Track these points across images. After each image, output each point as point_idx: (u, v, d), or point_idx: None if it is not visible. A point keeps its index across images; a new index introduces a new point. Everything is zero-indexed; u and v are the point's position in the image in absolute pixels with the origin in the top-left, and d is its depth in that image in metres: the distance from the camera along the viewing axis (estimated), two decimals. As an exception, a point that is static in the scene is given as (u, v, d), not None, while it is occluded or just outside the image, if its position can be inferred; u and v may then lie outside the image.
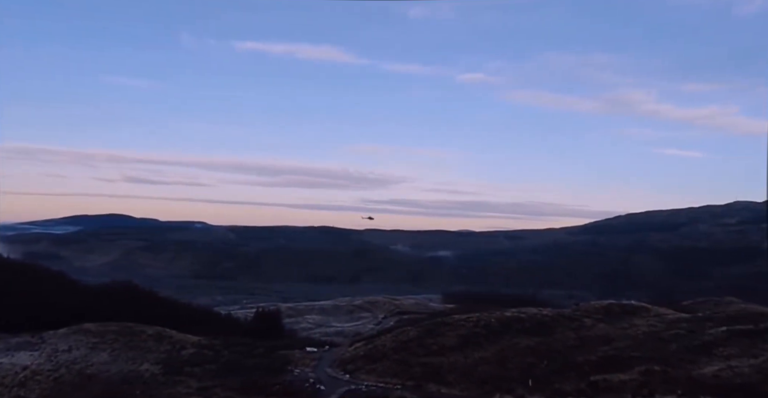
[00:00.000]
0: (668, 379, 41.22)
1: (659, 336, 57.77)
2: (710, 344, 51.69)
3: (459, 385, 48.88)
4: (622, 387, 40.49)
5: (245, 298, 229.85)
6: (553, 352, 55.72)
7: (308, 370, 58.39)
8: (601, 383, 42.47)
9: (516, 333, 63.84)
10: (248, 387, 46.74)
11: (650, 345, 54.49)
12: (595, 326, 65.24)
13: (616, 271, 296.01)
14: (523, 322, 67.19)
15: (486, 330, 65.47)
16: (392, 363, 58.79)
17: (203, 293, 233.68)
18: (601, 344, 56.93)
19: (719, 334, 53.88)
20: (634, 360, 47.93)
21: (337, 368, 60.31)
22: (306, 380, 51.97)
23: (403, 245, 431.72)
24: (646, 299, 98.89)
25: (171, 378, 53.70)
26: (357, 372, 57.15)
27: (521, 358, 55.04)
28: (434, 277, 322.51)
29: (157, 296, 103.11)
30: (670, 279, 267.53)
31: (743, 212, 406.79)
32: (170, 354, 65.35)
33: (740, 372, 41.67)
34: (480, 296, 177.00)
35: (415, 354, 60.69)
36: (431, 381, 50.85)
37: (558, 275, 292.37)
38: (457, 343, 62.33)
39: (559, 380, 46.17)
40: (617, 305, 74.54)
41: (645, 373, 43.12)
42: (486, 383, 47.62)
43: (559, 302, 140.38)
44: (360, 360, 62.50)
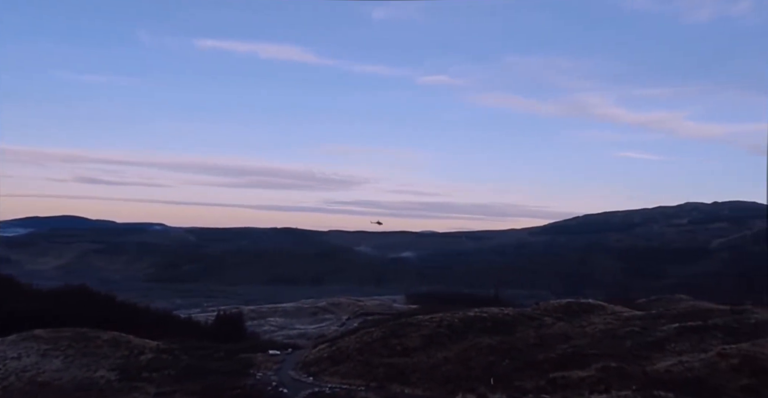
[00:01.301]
0: (624, 375, 42.50)
1: (615, 334, 59.51)
2: (663, 340, 53.56)
3: (422, 385, 49.17)
4: (580, 383, 41.50)
5: (206, 301, 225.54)
6: (514, 351, 56.71)
7: (271, 373, 57.69)
8: (560, 380, 43.43)
9: (478, 332, 64.69)
10: (209, 392, 45.81)
11: (607, 343, 56.08)
12: (555, 324, 66.75)
13: (575, 270, 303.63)
14: (486, 322, 68.16)
15: (449, 330, 66.11)
16: (356, 364, 58.70)
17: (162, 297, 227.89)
18: (561, 342, 58.27)
19: (671, 331, 55.88)
20: (592, 357, 49.22)
21: (300, 370, 59.81)
22: (268, 383, 51.33)
23: (366, 246, 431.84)
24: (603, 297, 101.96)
25: (128, 385, 52.17)
26: (320, 374, 56.81)
27: (483, 357, 55.79)
28: (398, 278, 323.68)
29: (113, 301, 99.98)
30: (625, 278, 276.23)
31: (693, 212, 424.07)
32: (127, 360, 63.47)
33: (691, 366, 43.31)
34: (443, 296, 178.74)
35: (379, 354, 60.77)
36: (395, 381, 50.99)
37: (519, 275, 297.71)
38: (420, 343, 62.73)
39: (520, 378, 47.01)
40: (576, 303, 76.45)
41: (602, 370, 44.32)
42: (449, 382, 48.06)
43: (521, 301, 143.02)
44: (323, 361, 62.17)
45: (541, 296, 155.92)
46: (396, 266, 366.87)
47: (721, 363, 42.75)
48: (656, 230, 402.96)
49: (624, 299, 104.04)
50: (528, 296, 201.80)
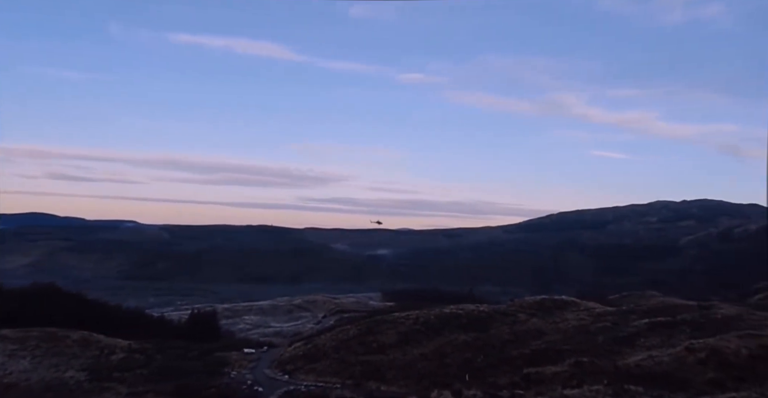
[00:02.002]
0: (596, 370, 43.27)
1: (587, 329, 60.60)
2: (634, 335, 54.74)
3: (398, 382, 49.36)
4: (553, 378, 42.12)
5: (179, 299, 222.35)
6: (489, 347, 57.32)
7: (246, 372, 57.25)
8: (534, 375, 44.01)
9: (454, 329, 65.20)
10: (182, 391, 45.23)
11: (579, 338, 57.07)
12: (529, 320, 67.66)
13: (549, 267, 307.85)
14: (461, 318, 68.73)
15: (425, 326, 66.49)
16: (332, 362, 58.62)
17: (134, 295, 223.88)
18: (534, 338, 59.09)
19: (641, 326, 57.13)
20: (565, 353, 50.01)
21: (275, 369, 59.48)
22: (243, 382, 50.94)
23: (342, 243, 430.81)
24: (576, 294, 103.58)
25: (98, 385, 51.20)
26: (296, 373, 56.60)
27: (459, 354, 56.26)
28: (374, 275, 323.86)
29: (83, 299, 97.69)
30: (597, 275, 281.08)
31: (663, 210, 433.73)
32: (98, 360, 62.29)
33: (660, 360, 44.33)
34: (419, 293, 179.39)
35: (355, 352, 60.79)
36: (371, 379, 51.08)
37: (494, 272, 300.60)
38: (396, 341, 62.94)
39: (494, 373, 47.55)
40: (549, 300, 77.60)
41: (574, 365, 45.05)
42: (424, 379, 48.33)
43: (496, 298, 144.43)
44: (299, 360, 61.94)
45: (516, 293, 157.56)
46: (372, 263, 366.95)
47: (689, 358, 43.84)
48: (628, 227, 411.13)
49: (596, 295, 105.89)
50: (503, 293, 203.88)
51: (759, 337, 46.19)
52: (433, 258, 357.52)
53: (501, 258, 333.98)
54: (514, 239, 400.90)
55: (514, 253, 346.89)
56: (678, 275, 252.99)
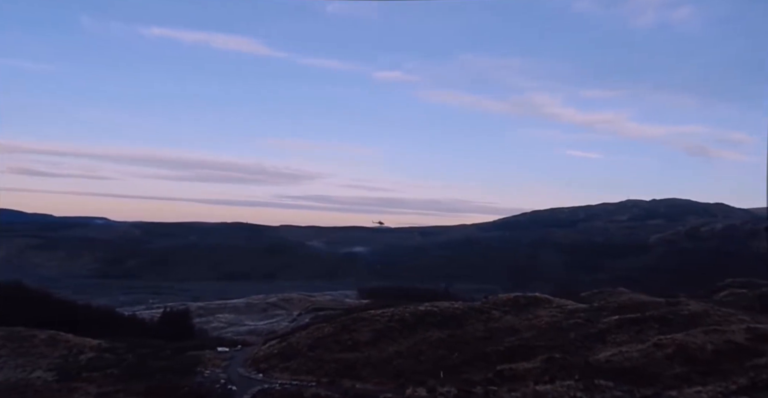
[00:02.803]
0: (567, 365, 44.05)
1: (560, 326, 61.59)
2: (604, 331, 55.84)
3: (373, 379, 49.44)
4: (526, 374, 42.73)
5: (151, 298, 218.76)
6: (464, 344, 57.83)
7: (219, 371, 56.65)
8: (507, 372, 44.59)
9: (429, 326, 65.59)
10: (154, 391, 44.48)
11: (552, 334, 57.98)
12: (503, 318, 68.45)
13: (523, 265, 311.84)
14: (436, 316, 69.16)
15: (400, 324, 66.72)
16: (307, 360, 58.41)
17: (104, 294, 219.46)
18: (508, 335, 59.84)
19: (612, 322, 58.30)
20: (538, 349, 50.79)
21: (249, 367, 59.00)
22: (217, 381, 50.37)
23: (318, 241, 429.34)
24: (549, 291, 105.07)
25: (66, 385, 50.04)
26: (270, 371, 56.23)
27: (433, 351, 56.64)
28: (349, 273, 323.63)
29: (51, 298, 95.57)
30: (570, 272, 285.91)
31: (633, 209, 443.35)
32: (66, 360, 60.93)
33: (629, 356, 45.35)
34: (394, 291, 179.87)
35: (330, 350, 60.70)
36: (346, 376, 51.04)
37: (469, 270, 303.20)
38: (372, 338, 63.04)
39: (469, 370, 48.02)
40: (523, 297, 78.57)
41: (547, 361, 45.78)
42: (399, 376, 48.51)
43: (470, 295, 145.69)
44: (274, 358, 61.55)
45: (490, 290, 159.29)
46: (348, 261, 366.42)
47: (657, 353, 44.94)
48: (599, 226, 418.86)
49: (569, 292, 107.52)
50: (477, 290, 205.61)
51: (724, 333, 47.60)
52: (408, 256, 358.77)
53: (476, 256, 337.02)
54: (488, 237, 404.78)
55: (488, 251, 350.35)
56: (647, 272, 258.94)
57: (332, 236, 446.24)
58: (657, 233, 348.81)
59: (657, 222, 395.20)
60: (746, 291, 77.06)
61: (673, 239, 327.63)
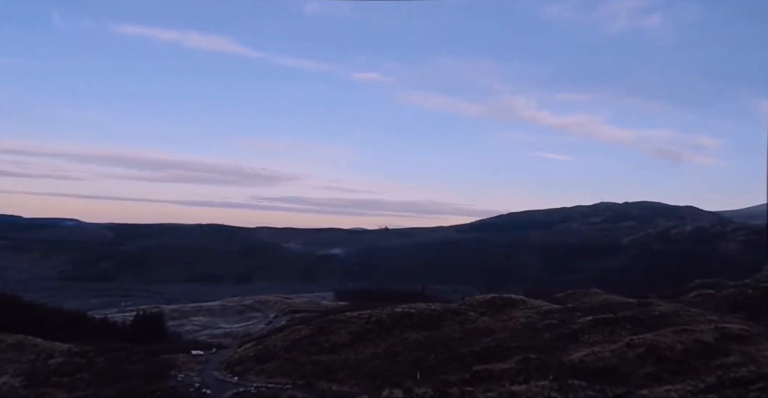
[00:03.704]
0: (542, 366, 44.59)
1: (535, 327, 62.39)
2: (578, 332, 56.72)
3: (350, 381, 49.34)
4: (501, 375, 43.12)
5: (123, 300, 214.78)
6: (440, 345, 58.14)
7: (193, 374, 55.91)
8: (483, 373, 44.95)
9: (406, 328, 65.78)
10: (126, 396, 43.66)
11: (527, 335, 58.68)
12: (479, 319, 69.05)
13: (499, 266, 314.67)
14: (413, 317, 69.40)
15: (377, 326, 66.74)
16: (283, 362, 58.03)
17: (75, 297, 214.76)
18: (484, 336, 60.38)
19: (585, 323, 59.24)
20: (513, 350, 51.31)
21: (225, 370, 58.37)
22: (191, 385, 49.69)
23: (295, 243, 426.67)
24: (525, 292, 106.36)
25: (34, 391, 48.80)
26: (246, 374, 55.72)
27: (410, 352, 56.81)
28: (326, 275, 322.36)
29: (19, 301, 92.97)
30: (545, 273, 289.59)
31: (607, 211, 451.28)
32: (34, 364, 59.40)
33: (602, 356, 46.13)
34: (372, 293, 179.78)
35: (307, 352, 60.40)
36: (322, 378, 50.85)
37: (446, 271, 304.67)
38: (348, 340, 62.92)
39: (445, 371, 48.26)
40: (499, 298, 79.39)
41: (522, 361, 46.28)
42: (376, 378, 48.49)
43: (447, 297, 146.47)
44: (249, 361, 61.01)
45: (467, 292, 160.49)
46: (325, 263, 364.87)
47: (629, 353, 45.81)
48: (574, 228, 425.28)
49: (544, 293, 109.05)
50: (454, 291, 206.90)
51: (693, 332, 48.76)
52: (385, 258, 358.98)
53: (453, 257, 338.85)
54: (465, 239, 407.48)
55: (465, 252, 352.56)
56: (620, 273, 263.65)
57: (309, 237, 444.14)
58: (629, 235, 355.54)
59: (629, 224, 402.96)
60: (714, 292, 79.08)
61: (644, 241, 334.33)
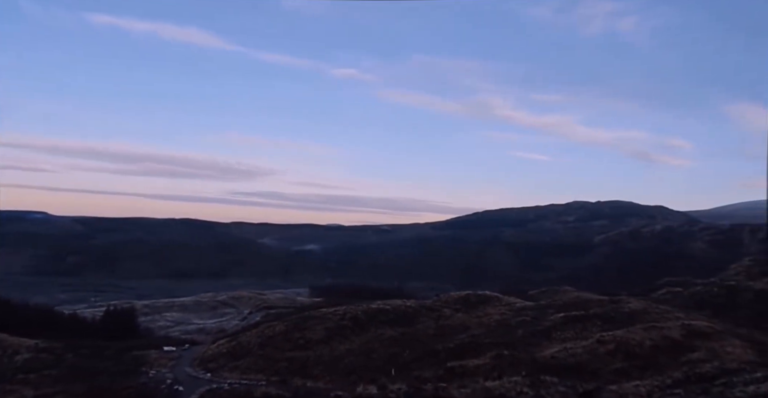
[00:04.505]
0: (515, 362, 45.23)
1: (508, 323, 63.17)
2: (550, 329, 57.64)
3: (324, 378, 49.32)
4: (475, 371, 43.61)
5: (94, 296, 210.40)
6: (415, 341, 58.46)
7: (165, 371, 55.20)
8: (457, 368, 45.40)
9: (381, 324, 65.97)
10: (95, 393, 42.87)
11: (500, 332, 59.40)
12: (454, 315, 69.60)
13: (474, 263, 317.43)
14: (388, 314, 69.62)
15: (353, 322, 66.79)
16: (257, 359, 57.72)
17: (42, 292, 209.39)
18: (459, 332, 60.88)
19: (557, 320, 60.23)
20: (487, 346, 51.90)
21: (197, 367, 57.79)
22: (163, 381, 49.03)
23: (270, 238, 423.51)
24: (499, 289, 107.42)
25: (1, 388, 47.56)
26: (219, 370, 55.24)
27: (385, 348, 57.00)
28: (302, 271, 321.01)
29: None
30: (519, 271, 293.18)
31: (580, 210, 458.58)
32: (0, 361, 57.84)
33: (574, 352, 47.00)
34: (347, 289, 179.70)
35: (281, 348, 60.16)
36: (297, 375, 50.73)
37: (422, 268, 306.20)
38: (324, 336, 62.85)
39: (419, 367, 48.58)
40: (474, 295, 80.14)
41: (495, 357, 46.88)
42: (351, 374, 48.59)
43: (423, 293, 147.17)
44: (223, 357, 60.49)
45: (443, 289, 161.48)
46: (300, 259, 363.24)
47: (599, 349, 46.77)
48: (548, 226, 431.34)
49: (517, 291, 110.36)
50: (430, 288, 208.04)
51: (661, 329, 49.99)
52: (362, 254, 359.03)
53: (429, 255, 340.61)
54: (441, 236, 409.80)
55: (441, 249, 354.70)
56: (592, 271, 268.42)
57: (285, 233, 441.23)
58: (601, 234, 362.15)
59: (602, 223, 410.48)
60: (682, 290, 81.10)
61: (616, 240, 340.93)
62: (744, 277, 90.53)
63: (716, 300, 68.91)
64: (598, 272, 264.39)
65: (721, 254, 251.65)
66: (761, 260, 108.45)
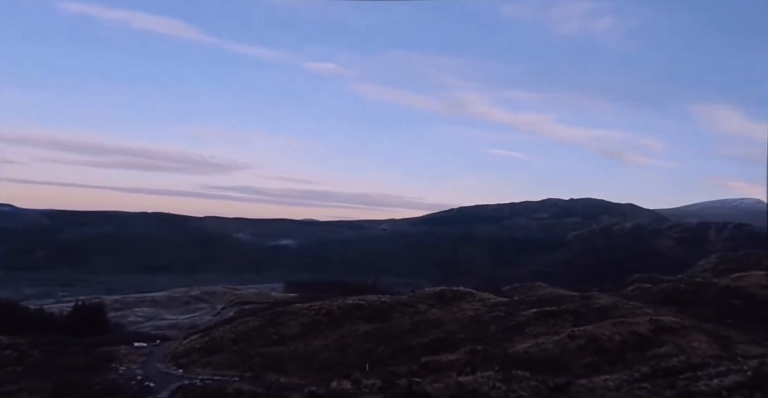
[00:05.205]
0: (488, 357, 45.73)
1: (482, 319, 63.81)
2: (523, 324, 58.44)
3: (299, 373, 49.09)
4: (449, 366, 43.95)
5: (61, 291, 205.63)
6: (390, 337, 58.63)
7: (136, 367, 54.31)
8: (431, 363, 45.70)
9: (356, 319, 66.01)
10: (62, 390, 41.81)
11: (474, 327, 59.99)
12: (428, 311, 70.03)
13: (449, 259, 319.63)
14: (363, 309, 69.71)
15: (327, 317, 66.67)
16: (230, 354, 57.21)
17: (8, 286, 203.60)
18: (433, 327, 61.28)
19: (530, 315, 61.09)
20: (461, 342, 52.37)
21: (169, 363, 57.04)
22: (133, 378, 48.16)
23: (245, 233, 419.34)
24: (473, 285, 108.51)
25: (-38, 385, 46.06)
26: (192, 366, 54.59)
27: (360, 344, 57.02)
28: (277, 266, 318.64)
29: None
30: (492, 267, 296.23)
31: (553, 208, 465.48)
32: (-39, 358, 56.11)
33: (545, 347, 47.74)
34: (323, 284, 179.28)
35: (255, 344, 59.73)
36: (271, 370, 50.41)
37: (397, 264, 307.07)
38: (298, 332, 62.61)
39: (394, 362, 48.75)
40: (448, 291, 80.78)
41: (469, 353, 47.34)
42: (325, 369, 48.46)
43: (398, 289, 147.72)
44: (195, 353, 59.80)
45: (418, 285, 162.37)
46: (275, 254, 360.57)
47: (570, 344, 47.58)
48: (522, 223, 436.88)
49: (491, 286, 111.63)
50: (405, 284, 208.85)
51: (630, 324, 51.10)
52: (337, 249, 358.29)
53: (404, 250, 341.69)
54: (416, 232, 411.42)
55: (417, 245, 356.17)
56: (564, 267, 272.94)
57: (259, 228, 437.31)
58: (574, 231, 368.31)
59: (574, 220, 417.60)
60: (650, 286, 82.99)
61: (588, 237, 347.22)
62: (710, 274, 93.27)
63: (683, 295, 70.72)
64: (570, 268, 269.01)
65: (688, 252, 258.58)
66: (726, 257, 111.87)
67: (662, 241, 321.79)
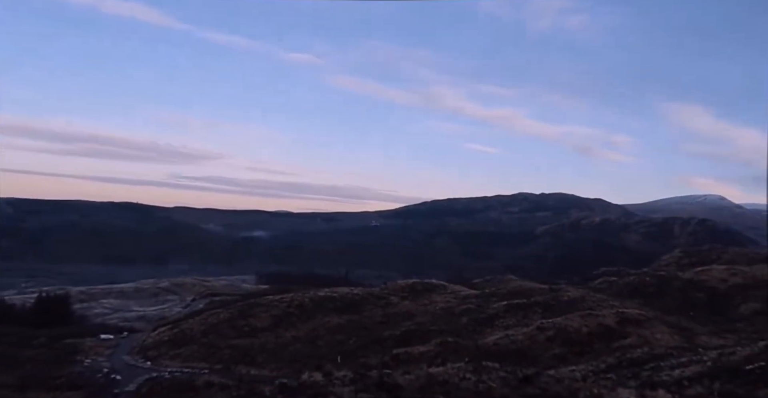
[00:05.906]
0: (459, 349, 46.26)
1: (453, 311, 64.50)
2: (493, 316, 59.29)
3: (269, 365, 48.90)
4: (420, 358, 44.30)
5: (24, 281, 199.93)
6: (362, 329, 58.81)
7: (102, 359, 53.26)
8: (403, 355, 46.02)
9: (328, 312, 65.90)
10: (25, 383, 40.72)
11: (446, 319, 60.60)
12: (400, 303, 70.36)
13: (421, 252, 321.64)
14: (335, 301, 69.62)
15: (299, 309, 66.43)
16: (200, 346, 56.58)
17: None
18: (405, 320, 61.67)
19: (500, 307, 62.00)
20: (432, 333, 52.85)
21: (136, 355, 56.12)
22: (99, 370, 47.20)
23: (215, 224, 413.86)
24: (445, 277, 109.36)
25: None
26: (160, 359, 53.82)
27: (332, 336, 57.07)
28: (248, 258, 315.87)
29: None
30: (464, 259, 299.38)
31: (524, 202, 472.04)
32: None
33: (515, 339, 48.55)
34: (294, 276, 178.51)
35: (225, 336, 59.18)
36: (241, 363, 50.06)
37: (370, 256, 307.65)
38: (269, 324, 62.26)
39: (366, 354, 48.95)
40: (420, 283, 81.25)
41: (440, 344, 47.81)
42: (296, 361, 48.36)
43: (370, 281, 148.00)
44: (164, 345, 58.96)
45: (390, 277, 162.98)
46: (247, 245, 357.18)
47: (539, 336, 48.48)
48: (493, 216, 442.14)
49: (462, 279, 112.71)
50: (377, 276, 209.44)
51: (597, 317, 52.27)
52: (309, 241, 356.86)
53: (376, 243, 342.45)
54: (389, 225, 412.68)
55: (389, 238, 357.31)
56: (534, 260, 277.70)
57: (230, 219, 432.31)
58: (544, 225, 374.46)
59: (545, 214, 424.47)
60: (617, 279, 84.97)
61: (557, 231, 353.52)
62: (674, 267, 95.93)
63: (648, 289, 72.65)
64: (540, 261, 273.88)
65: (653, 246, 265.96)
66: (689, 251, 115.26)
67: (629, 235, 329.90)
